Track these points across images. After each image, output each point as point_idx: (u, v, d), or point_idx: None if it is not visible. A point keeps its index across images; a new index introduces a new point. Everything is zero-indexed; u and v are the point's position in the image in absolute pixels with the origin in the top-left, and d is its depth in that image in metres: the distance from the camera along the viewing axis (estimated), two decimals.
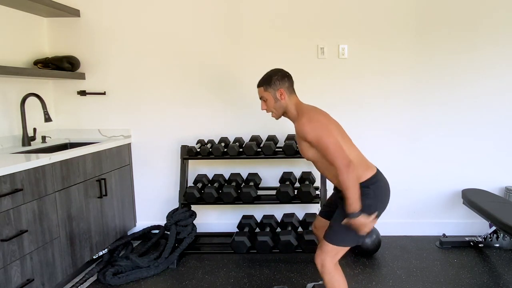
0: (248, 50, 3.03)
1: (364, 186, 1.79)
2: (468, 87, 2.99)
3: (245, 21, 3.00)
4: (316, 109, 1.92)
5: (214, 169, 3.20)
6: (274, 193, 2.85)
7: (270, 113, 1.96)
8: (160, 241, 3.00)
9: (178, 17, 3.02)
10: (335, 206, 1.97)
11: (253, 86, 3.06)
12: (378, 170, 1.90)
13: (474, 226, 3.13)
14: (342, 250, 1.84)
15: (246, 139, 3.10)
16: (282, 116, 1.97)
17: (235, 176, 2.99)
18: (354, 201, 1.69)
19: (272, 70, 1.96)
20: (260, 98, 1.95)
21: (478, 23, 2.91)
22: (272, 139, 2.94)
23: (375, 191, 1.82)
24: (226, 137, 3.05)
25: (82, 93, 3.13)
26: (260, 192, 3.01)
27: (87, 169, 2.57)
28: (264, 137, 3.08)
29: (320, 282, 2.35)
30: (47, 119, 2.67)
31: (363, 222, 1.72)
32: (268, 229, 2.81)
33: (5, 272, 1.89)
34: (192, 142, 3.15)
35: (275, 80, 1.89)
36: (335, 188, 2.02)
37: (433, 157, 3.09)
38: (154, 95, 3.13)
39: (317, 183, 3.01)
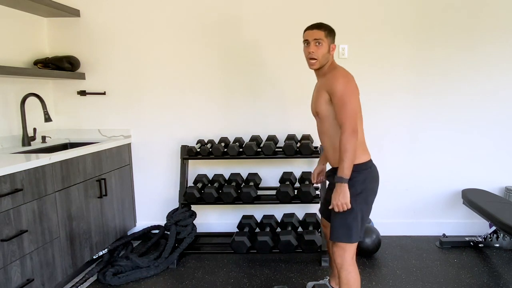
0: (248, 50, 3.03)
1: (356, 171, 1.79)
2: (467, 87, 2.99)
3: (245, 20, 3.00)
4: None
5: (214, 169, 3.20)
6: (274, 193, 2.84)
7: (312, 60, 1.86)
8: (160, 241, 3.00)
9: (178, 17, 3.02)
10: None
11: (252, 86, 3.07)
12: (371, 158, 1.93)
13: (474, 226, 3.12)
14: (355, 245, 1.86)
15: (246, 139, 3.10)
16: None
17: (235, 176, 2.99)
18: (347, 166, 1.71)
19: (329, 25, 1.90)
20: (315, 39, 1.83)
21: (478, 23, 2.91)
22: (272, 139, 2.94)
23: (367, 177, 1.84)
24: (226, 137, 3.05)
25: (82, 93, 3.13)
26: (260, 192, 3.01)
27: (87, 169, 2.57)
28: (264, 137, 3.08)
29: (321, 282, 2.35)
30: (47, 119, 2.67)
31: (344, 197, 1.73)
32: (268, 229, 2.81)
33: (5, 272, 1.89)
34: (192, 142, 3.15)
35: (334, 35, 1.89)
36: (331, 170, 1.98)
37: (433, 157, 3.09)
38: (154, 95, 3.13)
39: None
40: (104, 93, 3.14)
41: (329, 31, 1.86)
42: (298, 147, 2.83)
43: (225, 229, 3.24)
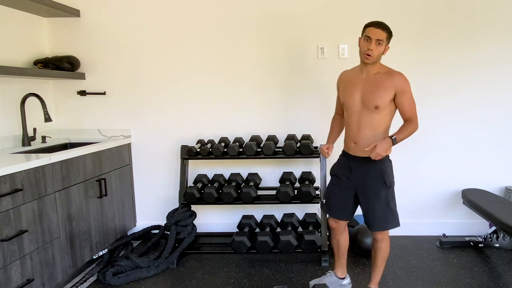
0: (247, 49, 3.03)
1: (387, 160, 2.11)
2: (468, 87, 2.99)
3: (245, 20, 3.00)
4: None
5: (214, 169, 3.20)
6: (274, 193, 2.84)
7: (367, 54, 1.98)
8: (160, 241, 3.00)
9: (178, 17, 3.02)
10: (356, 198, 2.15)
11: (252, 86, 3.07)
12: None
13: (474, 226, 3.12)
14: None
15: (246, 139, 3.10)
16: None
17: (235, 176, 2.99)
18: (403, 138, 2.02)
19: (389, 27, 2.03)
20: (377, 39, 1.96)
21: (479, 23, 2.91)
22: (272, 139, 2.94)
23: (391, 166, 2.14)
24: (226, 137, 3.05)
25: (82, 93, 3.13)
26: (260, 192, 3.01)
27: (87, 169, 2.57)
28: (264, 137, 3.08)
29: (321, 282, 2.35)
30: (47, 119, 2.67)
31: (384, 151, 1.94)
32: (268, 229, 2.81)
33: (5, 272, 1.89)
34: (192, 142, 3.15)
35: (392, 37, 2.05)
36: (351, 158, 2.15)
37: (433, 157, 3.09)
38: (154, 95, 3.13)
39: (317, 183, 3.01)
40: (104, 93, 3.13)
41: (390, 34, 2.02)
42: (298, 147, 2.83)
43: (225, 229, 3.24)
